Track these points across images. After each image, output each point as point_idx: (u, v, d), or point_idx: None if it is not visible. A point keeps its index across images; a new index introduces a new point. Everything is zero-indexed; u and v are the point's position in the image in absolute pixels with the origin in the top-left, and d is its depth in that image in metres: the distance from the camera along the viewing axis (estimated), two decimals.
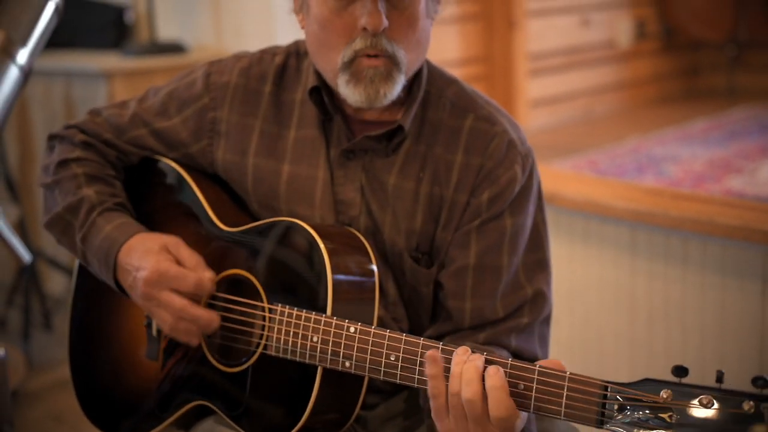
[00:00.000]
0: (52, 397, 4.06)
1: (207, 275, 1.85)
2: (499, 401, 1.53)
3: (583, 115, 5.80)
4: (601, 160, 4.54)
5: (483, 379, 1.55)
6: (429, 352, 1.61)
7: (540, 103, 5.50)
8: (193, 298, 1.85)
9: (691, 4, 6.14)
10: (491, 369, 1.54)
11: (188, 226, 2.00)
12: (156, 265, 1.84)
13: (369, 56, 1.79)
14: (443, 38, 4.94)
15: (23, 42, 1.17)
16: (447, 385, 1.58)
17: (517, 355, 1.87)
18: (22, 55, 1.17)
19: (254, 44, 4.89)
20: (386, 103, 1.83)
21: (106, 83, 4.58)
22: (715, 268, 3.08)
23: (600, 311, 3.45)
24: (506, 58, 5.20)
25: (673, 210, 3.15)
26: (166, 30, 5.12)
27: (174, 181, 2.06)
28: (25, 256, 1.14)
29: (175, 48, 4.83)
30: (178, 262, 1.87)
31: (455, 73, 2.01)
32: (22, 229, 4.63)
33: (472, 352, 1.60)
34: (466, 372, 1.56)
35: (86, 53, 5.17)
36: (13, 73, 1.15)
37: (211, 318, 1.85)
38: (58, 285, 5.11)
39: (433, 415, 1.61)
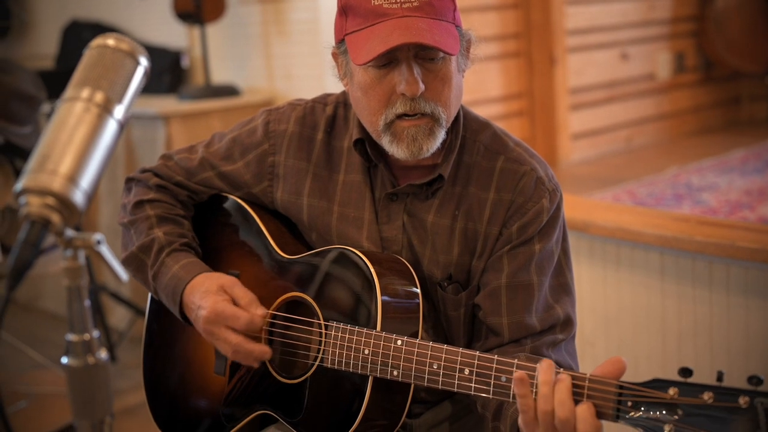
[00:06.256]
0: (117, 426, 4.18)
1: (259, 312, 2.02)
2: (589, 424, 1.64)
3: (624, 147, 5.84)
4: (640, 190, 4.59)
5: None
6: (517, 374, 1.70)
7: (581, 136, 5.55)
8: (248, 333, 2.02)
9: (729, 36, 6.15)
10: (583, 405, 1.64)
11: (253, 253, 2.19)
12: (213, 305, 2.01)
13: (409, 116, 1.94)
14: (486, 75, 5.00)
15: (119, 100, 1.37)
16: (535, 400, 1.68)
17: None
18: (119, 111, 1.36)
19: (304, 86, 5.05)
20: (428, 156, 1.99)
21: (164, 125, 4.75)
22: (738, 289, 3.14)
23: (633, 333, 3.52)
24: (547, 94, 5.26)
25: (698, 235, 3.21)
26: (220, 74, 5.28)
27: (240, 216, 2.25)
28: (123, 275, 1.35)
29: (228, 91, 4.98)
30: (234, 301, 2.04)
31: (498, 108, 2.13)
32: (87, 265, 4.79)
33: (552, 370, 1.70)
34: (559, 393, 1.65)
35: (144, 97, 5.32)
36: (112, 127, 1.35)
37: (263, 351, 2.02)
38: (121, 319, 5.26)
39: (521, 423, 1.71)
